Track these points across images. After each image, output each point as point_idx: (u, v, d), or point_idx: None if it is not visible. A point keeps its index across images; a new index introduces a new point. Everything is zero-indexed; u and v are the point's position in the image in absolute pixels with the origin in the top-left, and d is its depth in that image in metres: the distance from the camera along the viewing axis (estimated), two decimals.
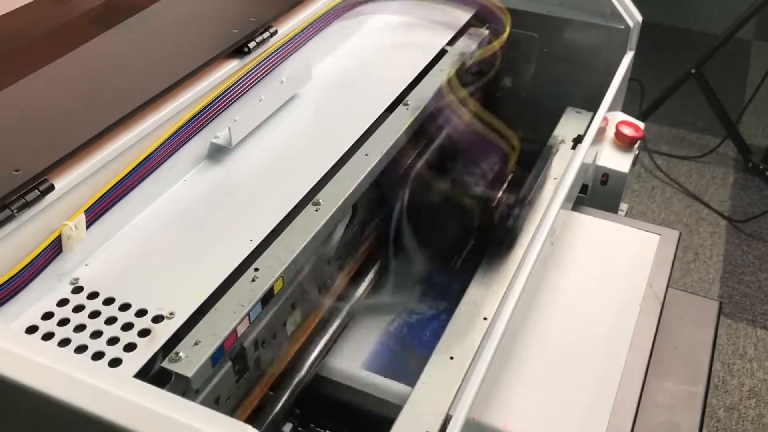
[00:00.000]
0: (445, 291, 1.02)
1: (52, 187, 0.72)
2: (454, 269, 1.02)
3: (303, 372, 0.85)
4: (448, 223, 0.99)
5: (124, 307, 0.72)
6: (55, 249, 0.74)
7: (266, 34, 1.01)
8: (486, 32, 1.24)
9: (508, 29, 1.20)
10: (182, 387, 0.67)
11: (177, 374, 0.67)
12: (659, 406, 0.96)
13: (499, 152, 1.05)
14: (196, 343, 0.69)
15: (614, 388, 0.86)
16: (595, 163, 1.19)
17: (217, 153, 0.94)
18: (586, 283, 1.01)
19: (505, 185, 1.05)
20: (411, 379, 0.83)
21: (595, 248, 1.07)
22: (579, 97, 1.30)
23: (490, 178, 1.05)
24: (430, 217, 0.99)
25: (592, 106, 1.19)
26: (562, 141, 1.18)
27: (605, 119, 1.16)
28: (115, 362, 0.66)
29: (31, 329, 0.70)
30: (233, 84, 0.95)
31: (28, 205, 0.70)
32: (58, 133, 0.78)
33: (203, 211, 0.86)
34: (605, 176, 1.20)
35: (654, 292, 0.99)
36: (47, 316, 0.71)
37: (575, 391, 0.87)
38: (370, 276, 1.01)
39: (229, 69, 0.95)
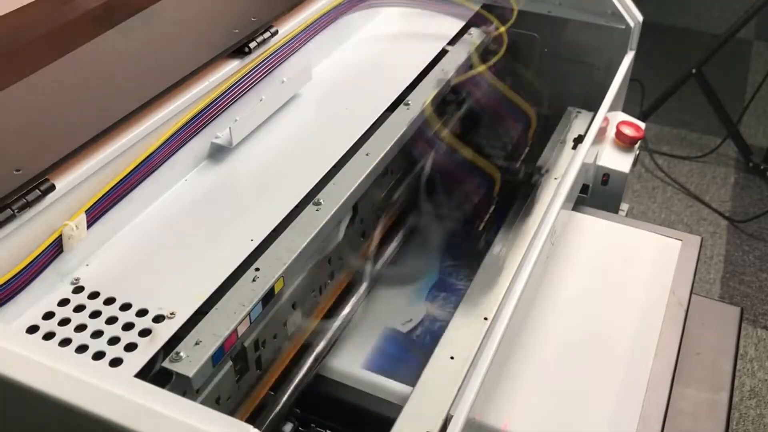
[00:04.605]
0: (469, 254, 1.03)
1: (52, 187, 0.72)
2: (478, 232, 1.05)
3: (303, 372, 0.85)
4: (474, 184, 1.04)
5: (125, 306, 0.72)
6: (56, 249, 0.74)
7: (267, 34, 1.01)
8: (486, 32, 1.24)
9: (515, 15, 1.21)
10: (183, 387, 0.67)
11: (178, 374, 0.67)
12: (684, 413, 0.96)
13: (519, 121, 1.10)
14: (196, 343, 0.69)
15: (641, 396, 0.86)
16: (595, 163, 1.19)
17: (218, 153, 0.94)
18: (589, 284, 1.01)
19: (525, 151, 1.12)
20: (411, 379, 0.83)
21: (604, 251, 1.07)
22: (579, 97, 1.30)
23: (512, 145, 1.10)
24: (456, 179, 1.03)
25: (593, 106, 1.19)
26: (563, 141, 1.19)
27: (606, 119, 1.16)
28: (115, 362, 0.67)
29: (32, 329, 0.70)
30: (234, 84, 0.95)
31: (28, 204, 0.70)
32: (58, 133, 0.78)
33: (204, 211, 0.86)
34: (606, 176, 1.19)
35: (677, 299, 0.98)
36: (48, 315, 0.71)
37: (587, 396, 0.86)
38: (399, 237, 1.04)
39: (230, 69, 0.95)
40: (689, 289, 1.00)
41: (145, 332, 0.69)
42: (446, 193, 1.04)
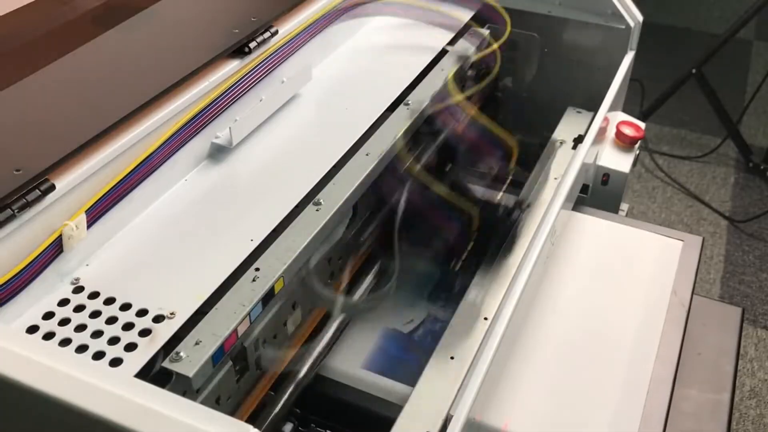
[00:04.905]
0: (445, 292, 1.02)
1: (53, 187, 0.72)
2: (453, 271, 1.02)
3: (303, 372, 0.85)
4: (449, 224, 0.98)
5: (125, 306, 0.72)
6: (56, 249, 0.74)
7: (267, 34, 1.01)
8: (486, 32, 1.24)
9: (508, 30, 1.20)
10: (183, 387, 0.67)
11: (178, 374, 0.67)
12: (685, 414, 0.96)
13: (499, 153, 1.05)
14: (196, 343, 0.69)
15: (642, 396, 0.86)
16: (595, 163, 1.19)
17: (218, 153, 0.94)
18: (590, 285, 1.01)
19: (505, 185, 1.04)
20: (411, 379, 0.83)
21: (604, 251, 1.07)
22: (579, 97, 1.30)
23: (491, 178, 1.05)
24: (430, 218, 0.98)
25: (593, 106, 1.19)
26: (563, 142, 1.18)
27: (606, 119, 1.16)
28: (115, 362, 0.67)
29: (32, 329, 0.70)
30: (234, 84, 0.95)
31: (29, 204, 0.70)
32: (58, 133, 0.78)
33: (204, 211, 0.86)
34: (606, 176, 1.19)
35: (679, 300, 0.98)
36: (48, 315, 0.71)
37: (588, 396, 0.86)
38: (370, 278, 0.99)
39: (230, 69, 0.95)
40: (691, 289, 1.00)
41: (145, 332, 0.69)
42: (421, 234, 0.98)
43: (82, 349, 0.68)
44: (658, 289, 1.00)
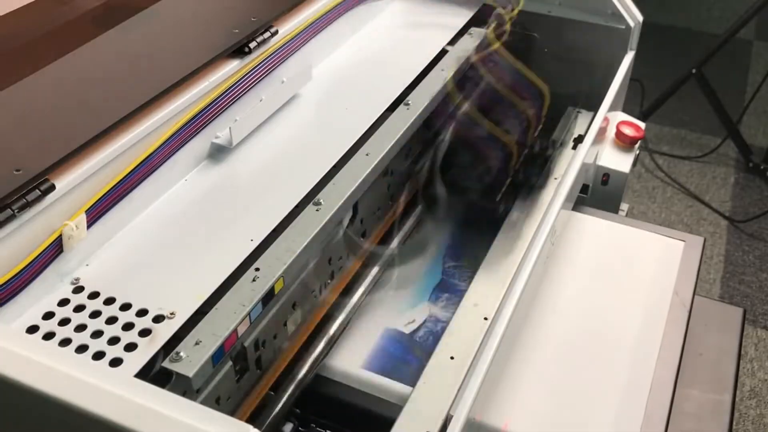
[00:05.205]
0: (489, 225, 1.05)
1: (53, 187, 0.72)
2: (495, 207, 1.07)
3: (303, 372, 0.85)
4: (490, 159, 1.06)
5: (125, 306, 0.72)
6: (55, 249, 0.74)
7: (267, 34, 1.01)
8: (486, 32, 1.24)
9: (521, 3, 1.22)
10: (183, 387, 0.67)
11: (178, 374, 0.67)
12: (687, 414, 0.96)
13: (533, 104, 1.13)
14: (196, 343, 0.69)
15: (644, 397, 0.86)
16: (595, 163, 1.19)
17: (218, 153, 0.94)
18: (590, 285, 1.01)
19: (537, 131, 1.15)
20: (411, 379, 0.83)
21: (604, 251, 1.07)
22: (579, 97, 1.30)
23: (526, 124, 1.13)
24: (475, 150, 1.06)
25: (593, 106, 1.19)
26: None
27: (606, 119, 1.16)
28: (115, 362, 0.67)
29: (32, 329, 0.70)
30: (234, 84, 0.95)
31: (28, 204, 0.70)
32: (58, 133, 0.78)
33: (204, 211, 0.86)
34: (606, 176, 1.19)
35: (681, 300, 0.98)
36: (48, 315, 0.71)
37: (589, 397, 0.86)
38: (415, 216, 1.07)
39: (230, 69, 0.95)
40: (692, 290, 1.00)
41: (145, 332, 0.69)
42: (466, 164, 1.07)
43: (82, 349, 0.68)
44: (659, 289, 1.00)
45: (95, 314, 0.71)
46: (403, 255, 1.04)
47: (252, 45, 0.98)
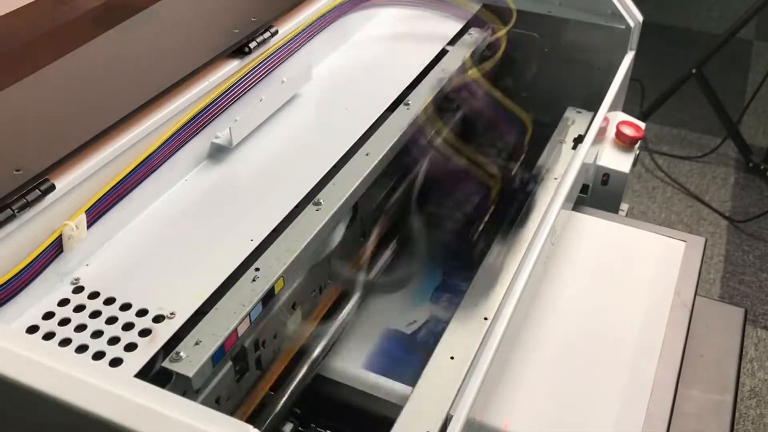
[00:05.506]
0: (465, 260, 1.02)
1: (53, 187, 0.72)
2: (473, 240, 1.03)
3: (303, 372, 0.85)
4: (469, 192, 1.02)
5: (125, 307, 0.72)
6: (55, 249, 0.74)
7: (267, 34, 1.01)
8: (486, 32, 1.24)
9: (514, 17, 1.21)
10: (183, 387, 0.67)
11: (178, 374, 0.67)
12: (688, 415, 0.96)
13: (515, 128, 1.09)
14: (196, 343, 0.69)
15: (646, 397, 0.86)
16: (595, 163, 1.19)
17: (218, 153, 0.94)
18: (590, 285, 1.01)
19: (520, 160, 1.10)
20: (411, 379, 0.83)
21: (605, 251, 1.06)
22: (579, 97, 1.30)
23: (507, 152, 1.09)
24: (452, 185, 1.02)
25: (593, 106, 1.19)
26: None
27: (606, 119, 1.16)
28: (115, 362, 0.67)
29: (32, 329, 0.70)
30: (234, 84, 0.95)
31: (28, 204, 0.70)
32: (58, 133, 0.78)
33: (204, 211, 0.86)
34: (606, 176, 1.19)
35: (682, 301, 0.98)
36: (48, 315, 0.71)
37: (590, 397, 0.86)
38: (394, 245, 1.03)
39: (230, 69, 0.95)
40: (694, 290, 1.00)
41: (145, 332, 0.69)
42: (442, 200, 1.03)
43: (82, 349, 0.68)
44: (660, 289, 1.00)
45: (95, 314, 0.71)
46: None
47: (252, 45, 0.98)
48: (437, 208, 1.02)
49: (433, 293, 1.01)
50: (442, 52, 1.18)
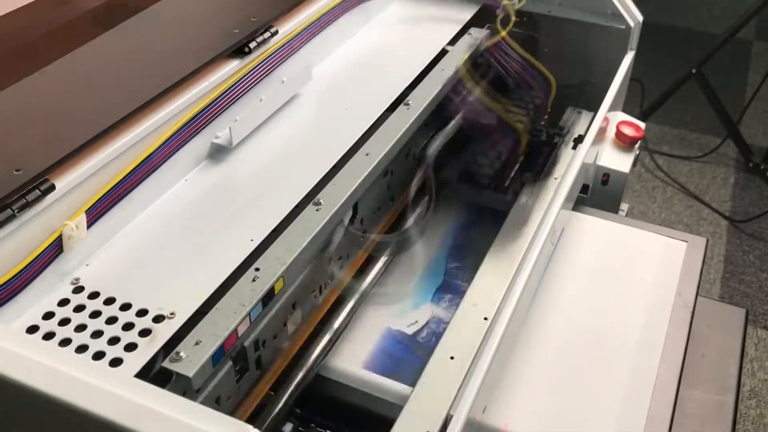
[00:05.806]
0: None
1: (53, 187, 0.72)
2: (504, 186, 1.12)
3: (303, 372, 0.85)
4: (502, 141, 1.11)
5: (125, 307, 0.72)
6: (55, 249, 0.74)
7: (267, 34, 1.01)
8: (486, 32, 1.24)
9: (513, 19, 1.22)
10: (183, 387, 0.67)
11: (178, 374, 0.66)
12: (689, 415, 0.95)
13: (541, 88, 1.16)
14: (196, 343, 0.69)
15: (647, 398, 0.86)
16: (595, 163, 1.19)
17: (218, 153, 0.94)
18: (591, 285, 1.01)
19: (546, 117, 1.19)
20: (411, 379, 0.83)
21: (605, 251, 1.06)
22: (579, 97, 1.30)
23: (534, 109, 1.17)
24: (486, 136, 1.10)
25: (593, 106, 1.19)
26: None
27: (606, 119, 1.16)
28: (115, 362, 0.67)
29: (32, 329, 0.70)
30: (234, 84, 0.95)
31: (28, 204, 0.70)
32: (58, 133, 0.78)
33: (204, 211, 0.86)
34: (606, 176, 1.19)
35: (683, 301, 0.97)
36: (48, 315, 0.71)
37: (591, 397, 0.86)
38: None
39: (230, 69, 0.95)
40: (695, 290, 1.00)
41: (145, 332, 0.69)
42: (476, 148, 1.11)
43: (82, 349, 0.68)
44: (661, 290, 1.00)
45: (95, 314, 0.71)
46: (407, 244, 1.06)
47: (252, 45, 0.98)
48: (474, 155, 1.12)
49: (435, 294, 1.01)
50: (442, 52, 1.18)
